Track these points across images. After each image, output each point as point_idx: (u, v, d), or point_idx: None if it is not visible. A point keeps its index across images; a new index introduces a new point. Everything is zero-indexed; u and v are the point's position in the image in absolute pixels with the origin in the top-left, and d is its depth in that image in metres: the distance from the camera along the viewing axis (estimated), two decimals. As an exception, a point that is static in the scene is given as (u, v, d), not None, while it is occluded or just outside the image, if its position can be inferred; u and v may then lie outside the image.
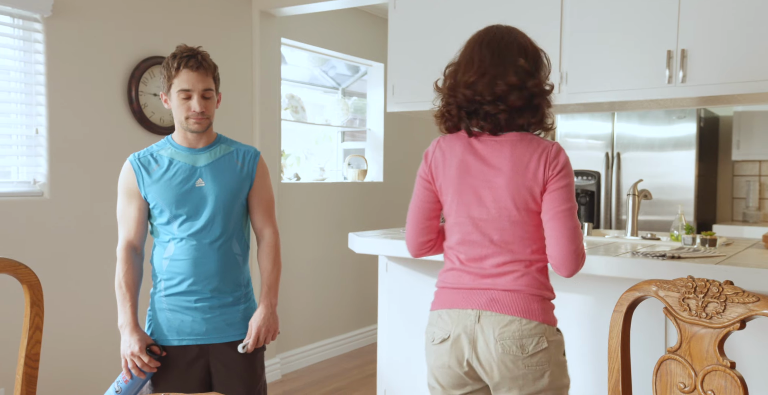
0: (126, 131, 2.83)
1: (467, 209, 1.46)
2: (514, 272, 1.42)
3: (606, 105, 2.69)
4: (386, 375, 2.75)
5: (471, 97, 1.44)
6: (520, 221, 1.43)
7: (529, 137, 1.46)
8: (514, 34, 1.51)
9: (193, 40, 3.12)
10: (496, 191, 1.43)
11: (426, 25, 2.96)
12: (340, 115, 4.27)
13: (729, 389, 1.15)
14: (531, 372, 1.38)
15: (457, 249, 1.49)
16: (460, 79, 1.47)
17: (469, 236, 1.46)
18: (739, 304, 1.16)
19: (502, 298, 1.41)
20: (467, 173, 1.46)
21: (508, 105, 1.43)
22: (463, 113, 1.47)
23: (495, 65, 1.44)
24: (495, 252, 1.44)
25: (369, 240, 2.55)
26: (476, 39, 1.53)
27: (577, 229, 1.42)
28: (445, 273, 1.53)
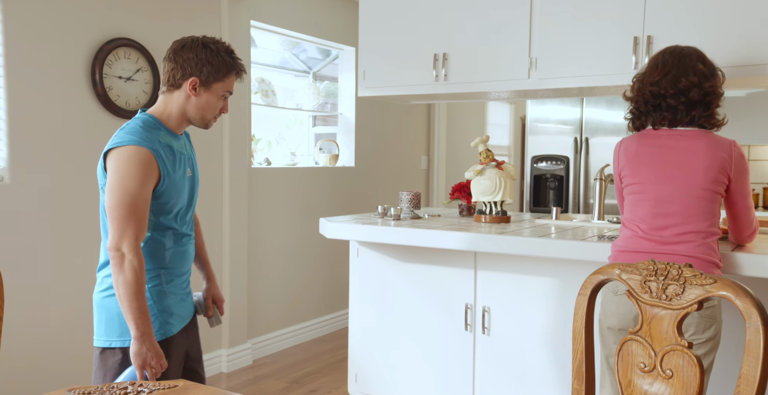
0: (90, 114, 2.76)
1: (655, 187, 1.77)
2: (693, 241, 1.72)
3: (575, 91, 2.72)
4: (357, 359, 2.78)
5: (657, 92, 1.78)
6: (705, 198, 1.73)
7: (712, 133, 1.78)
8: (693, 48, 1.84)
9: (160, 22, 3.04)
10: (686, 172, 1.73)
11: (397, 9, 2.94)
12: (312, 99, 4.23)
13: (686, 368, 1.18)
14: (702, 322, 1.66)
15: (639, 221, 1.79)
16: (646, 80, 1.81)
17: (655, 210, 1.76)
18: (697, 286, 1.19)
19: (679, 260, 1.69)
20: (655, 157, 1.78)
21: (688, 98, 1.75)
22: (650, 107, 1.81)
23: (677, 66, 1.78)
24: (677, 223, 1.73)
25: (340, 225, 2.55)
26: (660, 52, 1.86)
27: (752, 212, 1.83)
28: (625, 240, 1.81)
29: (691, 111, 1.76)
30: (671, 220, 1.73)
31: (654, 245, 1.74)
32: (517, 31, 2.64)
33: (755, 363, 1.09)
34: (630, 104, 1.88)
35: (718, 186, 1.73)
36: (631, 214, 1.82)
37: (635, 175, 1.81)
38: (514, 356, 2.39)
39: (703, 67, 1.78)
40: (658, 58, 1.82)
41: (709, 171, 1.72)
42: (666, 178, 1.75)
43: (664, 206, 1.74)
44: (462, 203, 2.92)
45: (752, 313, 1.11)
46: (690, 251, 1.70)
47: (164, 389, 1.26)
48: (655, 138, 1.81)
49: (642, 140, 1.83)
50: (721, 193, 1.75)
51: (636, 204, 1.80)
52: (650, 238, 1.75)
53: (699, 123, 1.78)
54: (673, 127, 1.80)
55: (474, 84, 2.76)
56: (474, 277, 2.46)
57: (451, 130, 5.52)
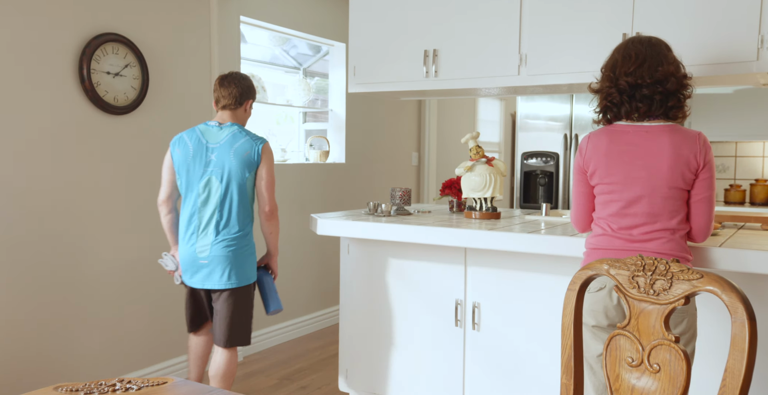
0: (78, 110, 2.74)
1: (623, 187, 1.75)
2: (661, 238, 1.73)
3: (564, 87, 2.73)
4: (348, 355, 2.78)
5: (633, 82, 1.73)
6: (671, 197, 1.73)
7: (678, 127, 1.75)
8: (658, 38, 1.81)
9: (148, 17, 3.02)
10: (652, 171, 1.72)
11: (387, 5, 2.94)
12: (302, 95, 4.22)
13: (673, 362, 1.19)
14: (676, 316, 1.67)
15: (609, 219, 1.79)
16: (619, 71, 1.76)
17: (624, 210, 1.76)
18: (684, 281, 1.20)
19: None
20: (623, 157, 1.75)
21: (666, 88, 1.72)
22: (625, 97, 1.75)
23: (651, 56, 1.74)
24: (645, 222, 1.74)
25: (330, 222, 2.55)
26: (626, 41, 1.81)
27: (713, 210, 1.78)
28: (596, 238, 1.82)
29: (667, 102, 1.73)
30: (639, 219, 1.74)
31: (624, 243, 1.76)
32: (506, 28, 2.65)
33: (741, 356, 1.10)
34: (597, 97, 1.83)
35: (683, 183, 1.73)
36: (601, 212, 1.82)
37: (605, 176, 1.79)
38: (504, 351, 2.41)
39: (674, 57, 1.77)
40: (630, 48, 1.77)
41: (674, 170, 1.71)
42: (633, 179, 1.74)
43: (632, 207, 1.75)
44: (452, 199, 2.93)
45: (738, 308, 1.12)
46: (659, 248, 1.72)
47: (152, 386, 1.25)
48: (623, 135, 1.78)
49: (611, 137, 1.79)
50: (687, 189, 1.74)
51: (605, 204, 1.80)
52: (620, 236, 1.77)
53: (670, 115, 1.75)
54: (644, 119, 1.76)
55: (464, 80, 2.76)
56: (464, 273, 2.47)
57: (442, 126, 5.53)
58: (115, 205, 2.91)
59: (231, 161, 2.41)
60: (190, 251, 2.44)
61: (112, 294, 2.91)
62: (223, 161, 2.41)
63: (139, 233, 3.03)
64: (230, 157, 2.41)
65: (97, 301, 2.85)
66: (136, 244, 3.01)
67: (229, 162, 2.41)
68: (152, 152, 3.07)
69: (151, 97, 3.05)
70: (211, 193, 2.42)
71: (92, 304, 2.83)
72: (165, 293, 3.17)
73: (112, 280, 2.91)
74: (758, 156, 4.44)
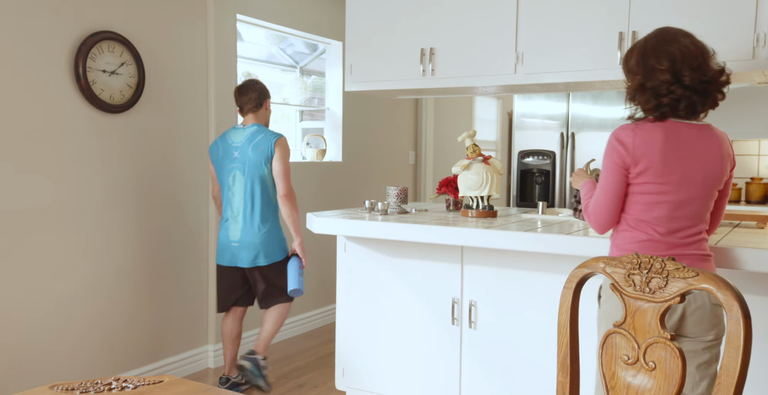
0: (73, 108, 2.73)
1: (677, 188, 1.66)
2: (701, 241, 1.69)
3: (561, 86, 2.73)
4: (344, 353, 2.78)
5: (698, 78, 1.62)
6: (712, 198, 1.70)
7: (711, 127, 1.70)
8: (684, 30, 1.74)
9: (144, 15, 3.01)
10: (708, 173, 1.65)
11: (384, 3, 2.93)
12: (299, 94, 4.22)
13: (669, 360, 1.20)
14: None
15: (655, 223, 1.67)
16: (681, 65, 1.63)
17: (673, 213, 1.67)
18: (679, 279, 1.21)
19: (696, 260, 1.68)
20: (681, 155, 1.64)
21: (718, 85, 1.66)
22: (688, 93, 1.63)
23: (705, 51, 1.65)
24: (689, 225, 1.68)
25: (327, 220, 2.55)
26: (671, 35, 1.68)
27: None
28: (640, 243, 1.69)
29: (717, 99, 1.67)
30: (684, 223, 1.67)
31: (669, 248, 1.67)
32: (503, 26, 2.65)
33: (736, 354, 1.10)
34: (645, 93, 1.66)
35: (722, 184, 1.70)
36: (644, 214, 1.68)
37: (660, 176, 1.65)
38: (501, 350, 2.41)
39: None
40: (682, 42, 1.65)
41: (723, 173, 1.67)
42: (689, 180, 1.64)
43: (680, 210, 1.66)
44: (449, 197, 2.93)
45: (733, 305, 1.12)
46: (698, 250, 1.68)
47: (149, 384, 1.25)
48: (678, 132, 1.65)
49: (667, 134, 1.65)
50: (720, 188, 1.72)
51: (651, 205, 1.67)
52: (668, 241, 1.66)
53: (706, 113, 1.70)
54: (690, 117, 1.67)
55: (461, 79, 2.76)
56: (461, 271, 2.47)
57: (439, 125, 5.53)
58: (111, 203, 2.90)
59: (251, 156, 2.81)
60: (225, 235, 2.90)
61: (107, 293, 2.91)
62: (245, 157, 2.82)
63: (135, 231, 3.02)
64: (250, 153, 2.82)
65: (92, 299, 2.85)
66: (132, 242, 3.01)
67: (250, 157, 2.81)
68: (148, 150, 3.07)
69: (147, 96, 3.04)
70: (238, 185, 2.85)
71: (88, 302, 2.83)
72: (161, 293, 3.17)
73: (107, 278, 2.90)
74: (754, 155, 4.46)
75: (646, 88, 1.67)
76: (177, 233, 3.23)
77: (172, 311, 3.23)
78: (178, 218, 3.24)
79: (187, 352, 3.32)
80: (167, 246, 3.19)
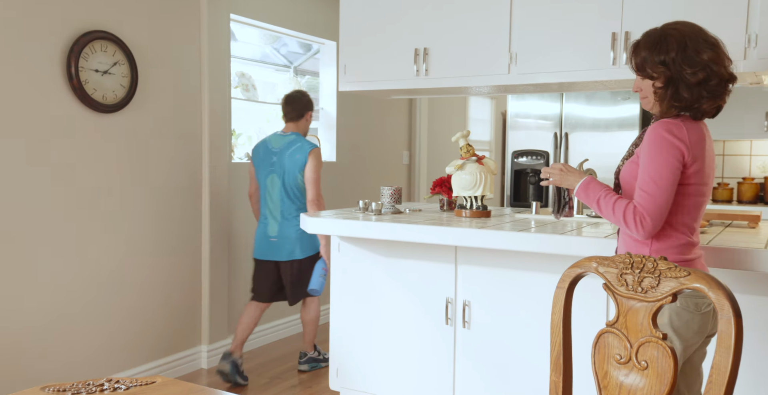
0: (65, 107, 2.71)
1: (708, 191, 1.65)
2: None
3: (554, 86, 2.74)
4: (338, 353, 2.78)
5: (733, 75, 1.60)
6: None
7: None
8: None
9: (137, 15, 2.99)
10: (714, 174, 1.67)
11: (378, 3, 2.93)
12: (292, 94, 4.20)
13: (661, 359, 1.20)
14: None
15: (693, 228, 1.64)
16: (723, 59, 1.57)
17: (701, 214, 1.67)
18: (671, 278, 1.21)
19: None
20: (712, 157, 1.65)
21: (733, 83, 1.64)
22: (725, 89, 1.60)
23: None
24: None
25: (321, 220, 2.55)
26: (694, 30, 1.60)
27: None
28: (692, 247, 1.63)
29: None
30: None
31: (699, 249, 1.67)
32: (497, 27, 2.65)
33: (727, 353, 1.11)
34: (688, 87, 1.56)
35: None
36: (687, 217, 1.61)
37: (706, 177, 1.61)
38: (494, 349, 2.41)
39: None
40: (713, 38, 1.58)
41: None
42: (711, 183, 1.65)
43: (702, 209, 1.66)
44: (443, 197, 2.93)
45: (724, 305, 1.13)
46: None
47: (141, 385, 1.25)
48: (708, 132, 1.64)
49: (708, 133, 1.63)
50: None
51: (697, 207, 1.62)
52: (697, 244, 1.66)
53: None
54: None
55: (454, 79, 2.76)
56: (455, 271, 2.47)
57: (433, 125, 5.53)
58: (104, 204, 2.89)
59: (287, 162, 3.13)
60: (263, 231, 3.20)
61: (100, 294, 2.90)
62: (282, 163, 3.14)
63: (128, 232, 3.01)
64: (286, 159, 3.14)
65: (84, 300, 2.83)
66: (124, 243, 3.00)
67: (286, 163, 3.13)
68: (141, 150, 3.05)
69: (140, 96, 3.03)
70: (274, 187, 3.17)
71: (79, 303, 2.81)
72: (153, 294, 3.16)
73: (100, 280, 2.89)
74: (746, 155, 4.48)
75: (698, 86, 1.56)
76: (170, 234, 3.22)
77: (165, 311, 3.22)
78: (172, 218, 3.23)
79: (180, 353, 3.31)
80: (160, 246, 3.17)
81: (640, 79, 1.65)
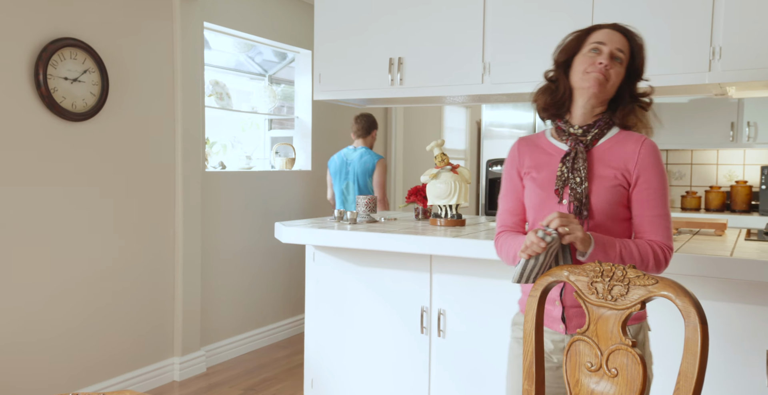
0: (32, 115, 2.66)
1: None
2: None
3: (527, 95, 2.76)
4: (313, 364, 2.76)
5: None
6: None
7: None
8: None
9: (109, 22, 2.96)
10: None
11: (352, 13, 2.94)
12: (268, 102, 4.19)
13: (630, 366, 1.22)
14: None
15: None
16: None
17: None
18: (640, 286, 1.23)
19: None
20: None
21: None
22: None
23: None
24: None
25: (296, 230, 2.53)
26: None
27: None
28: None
29: None
30: None
31: None
32: (470, 37, 2.68)
33: (693, 360, 1.13)
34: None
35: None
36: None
37: None
38: (470, 358, 2.42)
39: None
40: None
41: None
42: None
43: None
44: (418, 206, 2.94)
45: (690, 312, 1.15)
46: None
47: (109, 400, 1.22)
48: None
49: None
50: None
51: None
52: None
53: None
54: None
55: (429, 88, 2.78)
56: (429, 280, 2.48)
57: (408, 134, 5.56)
58: (74, 214, 2.83)
59: (359, 172, 3.83)
60: None
61: (68, 305, 2.83)
62: (355, 172, 3.83)
63: (99, 242, 2.95)
64: (359, 168, 3.84)
65: (51, 310, 2.77)
66: (95, 253, 2.94)
67: (358, 173, 3.82)
68: (112, 159, 3.01)
69: (111, 104, 2.99)
70: (349, 191, 3.83)
71: (46, 313, 2.74)
72: (123, 305, 3.10)
73: (69, 290, 2.83)
74: (712, 164, 4.60)
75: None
76: (142, 244, 3.17)
77: (136, 322, 3.16)
78: (143, 227, 3.18)
79: (151, 365, 3.25)
80: (132, 257, 3.12)
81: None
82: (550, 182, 1.50)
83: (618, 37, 1.51)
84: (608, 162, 1.46)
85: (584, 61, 1.49)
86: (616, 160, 1.46)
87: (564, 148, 1.53)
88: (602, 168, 1.46)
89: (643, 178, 1.44)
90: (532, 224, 1.56)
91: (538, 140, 1.62)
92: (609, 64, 1.46)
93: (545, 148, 1.57)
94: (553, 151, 1.54)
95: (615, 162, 1.46)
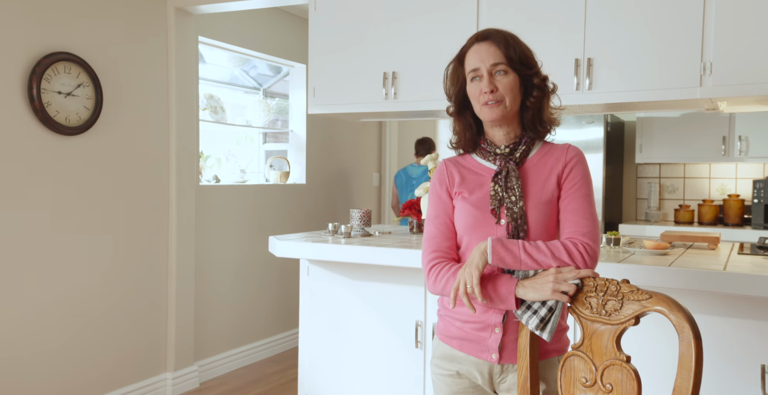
0: (26, 130, 2.66)
1: None
2: None
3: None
4: (307, 379, 2.73)
5: None
6: None
7: None
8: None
9: (103, 36, 2.97)
10: None
11: (347, 27, 2.96)
12: (262, 116, 4.20)
13: (625, 382, 1.21)
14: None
15: None
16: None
17: None
18: (634, 301, 1.23)
19: None
20: None
21: None
22: None
23: None
24: None
25: (290, 243, 2.52)
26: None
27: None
28: None
29: None
30: None
31: None
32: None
33: (688, 375, 1.13)
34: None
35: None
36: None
37: None
38: (464, 372, 2.40)
39: None
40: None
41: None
42: None
43: None
44: (413, 220, 2.94)
45: (684, 327, 1.15)
46: None
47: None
48: None
49: None
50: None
51: None
52: None
53: None
54: None
55: (423, 102, 2.80)
56: (424, 294, 2.47)
57: (403, 147, 5.57)
58: (67, 229, 2.82)
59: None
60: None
61: (61, 320, 2.80)
62: (420, 184, 3.83)
63: (92, 256, 2.93)
64: (423, 182, 3.92)
65: (43, 326, 2.74)
66: (88, 268, 2.92)
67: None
68: (106, 173, 3.00)
69: (105, 118, 2.99)
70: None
71: (37, 329, 2.71)
72: (116, 320, 3.07)
73: (61, 305, 2.80)
74: (705, 178, 4.62)
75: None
76: (136, 258, 3.15)
77: (129, 338, 3.13)
78: (138, 242, 3.16)
79: (144, 381, 3.21)
80: (125, 271, 3.10)
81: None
82: (485, 202, 1.45)
83: (486, 48, 1.50)
84: (539, 176, 1.45)
85: (473, 93, 1.47)
86: (546, 172, 1.46)
87: (493, 167, 1.49)
88: (535, 184, 1.45)
89: (568, 178, 1.44)
90: (467, 247, 1.47)
91: (464, 161, 1.54)
92: (494, 87, 1.43)
93: (473, 168, 1.51)
94: (483, 171, 1.50)
95: (545, 174, 1.46)
